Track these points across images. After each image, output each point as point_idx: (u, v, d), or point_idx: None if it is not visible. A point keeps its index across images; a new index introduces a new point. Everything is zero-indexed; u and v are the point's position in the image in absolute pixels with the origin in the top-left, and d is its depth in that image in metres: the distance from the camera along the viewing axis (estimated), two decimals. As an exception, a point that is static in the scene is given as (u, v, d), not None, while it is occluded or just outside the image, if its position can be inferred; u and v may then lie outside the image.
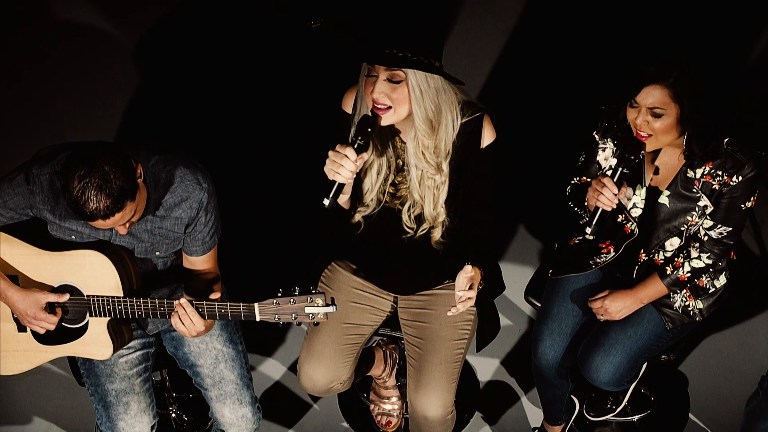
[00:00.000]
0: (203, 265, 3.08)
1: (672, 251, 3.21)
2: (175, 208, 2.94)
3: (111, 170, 2.71)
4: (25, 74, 4.64)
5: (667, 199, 3.14)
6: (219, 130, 4.49)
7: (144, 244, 2.99)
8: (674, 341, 3.31)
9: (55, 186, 2.90)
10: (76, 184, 2.71)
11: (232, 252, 3.21)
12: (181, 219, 2.96)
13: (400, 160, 3.01)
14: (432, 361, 3.12)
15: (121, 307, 2.94)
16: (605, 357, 3.22)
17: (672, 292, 3.24)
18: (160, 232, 2.98)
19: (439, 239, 3.05)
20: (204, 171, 2.97)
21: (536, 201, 4.25)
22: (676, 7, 4.61)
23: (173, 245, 3.02)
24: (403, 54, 2.78)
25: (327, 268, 3.24)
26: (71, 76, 4.64)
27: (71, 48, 4.70)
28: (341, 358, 3.17)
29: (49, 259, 2.97)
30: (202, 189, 2.94)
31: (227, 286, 3.29)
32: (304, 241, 4.10)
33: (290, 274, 3.97)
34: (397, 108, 2.85)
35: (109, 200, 2.71)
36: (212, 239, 3.04)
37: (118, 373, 3.13)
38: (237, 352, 3.21)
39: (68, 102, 4.58)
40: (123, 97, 4.57)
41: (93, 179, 2.70)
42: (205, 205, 2.96)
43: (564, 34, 4.66)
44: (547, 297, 3.36)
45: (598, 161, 3.21)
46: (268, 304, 2.84)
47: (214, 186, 2.98)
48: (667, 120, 2.98)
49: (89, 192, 2.70)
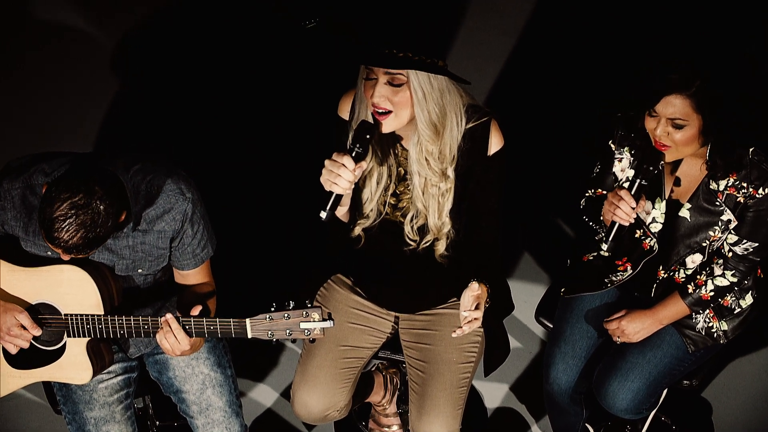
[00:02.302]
0: (196, 278, 3.06)
1: (694, 268, 3.20)
2: (158, 220, 2.92)
3: (104, 216, 2.70)
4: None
5: (688, 213, 3.13)
6: (210, 136, 4.52)
7: (125, 261, 2.97)
8: (697, 365, 3.30)
9: (27, 201, 2.88)
10: (63, 207, 2.69)
11: (221, 265, 3.23)
12: (165, 232, 2.93)
13: (401, 168, 3.00)
14: (436, 386, 3.11)
15: (102, 327, 2.92)
16: (622, 382, 3.21)
17: (694, 313, 3.22)
18: (143, 248, 2.96)
19: (443, 252, 3.05)
20: (187, 179, 2.96)
21: (547, 215, 4.26)
22: (697, 8, 4.67)
23: (157, 262, 3.00)
24: (404, 54, 2.78)
25: (323, 286, 3.23)
26: (47, 80, 4.67)
27: (48, 50, 4.73)
28: (338, 383, 3.16)
29: (24, 276, 2.95)
30: (185, 199, 2.92)
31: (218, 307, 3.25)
32: (299, 254, 4.10)
33: (284, 288, 3.93)
34: (399, 112, 2.84)
35: (81, 242, 2.72)
36: (204, 251, 3.02)
37: (97, 399, 3.11)
38: (225, 376, 3.19)
39: (45, 106, 4.61)
40: (104, 101, 4.59)
41: (82, 214, 2.69)
42: (190, 216, 2.94)
43: (577, 33, 4.69)
44: (560, 317, 3.35)
45: (614, 172, 3.20)
46: (261, 320, 2.83)
47: (200, 194, 2.96)
48: (689, 131, 2.97)
49: (70, 223, 2.69)
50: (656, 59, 4.43)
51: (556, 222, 4.23)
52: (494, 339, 3.16)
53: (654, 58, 4.47)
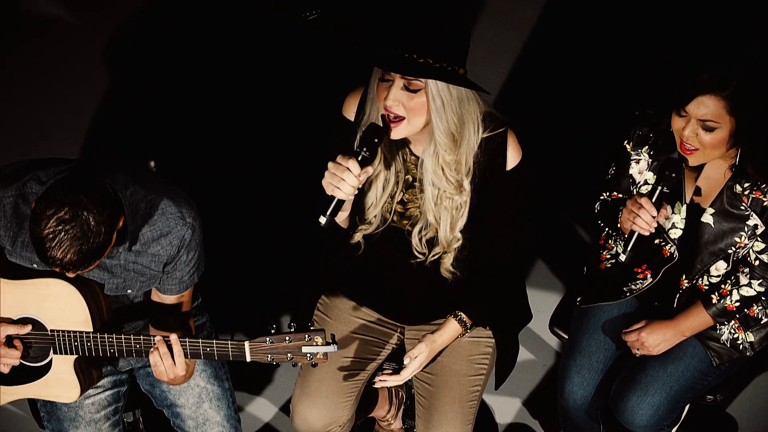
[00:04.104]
0: (175, 301, 3.05)
1: (718, 277, 3.18)
2: (153, 243, 2.90)
3: (94, 225, 2.67)
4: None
5: (711, 218, 3.11)
6: (207, 135, 4.52)
7: (116, 280, 2.95)
8: (721, 379, 3.30)
9: (19, 210, 2.86)
10: (50, 224, 2.66)
11: (216, 279, 3.24)
12: (159, 257, 2.91)
13: (409, 175, 2.98)
14: (444, 400, 3.11)
15: (91, 344, 2.91)
16: (642, 397, 3.20)
17: (718, 324, 3.21)
18: (135, 268, 2.94)
19: (449, 267, 3.04)
20: (190, 203, 2.93)
21: (561, 219, 4.25)
22: (735, 5, 4.66)
23: (148, 284, 2.98)
24: (425, 60, 2.74)
25: (324, 295, 3.23)
26: (37, 75, 4.66)
27: (36, 43, 4.72)
28: (340, 398, 3.15)
29: (7, 288, 2.92)
30: (185, 224, 2.90)
31: (211, 319, 3.29)
32: (298, 265, 4.12)
33: (281, 301, 4.01)
34: (412, 119, 2.82)
35: (76, 257, 2.68)
36: (191, 278, 3.00)
37: (83, 416, 3.10)
38: (223, 390, 3.18)
39: (35, 104, 4.60)
40: (96, 99, 4.60)
41: (71, 228, 2.65)
42: (188, 243, 2.92)
43: (593, 27, 4.68)
44: (575, 328, 3.35)
45: (631, 175, 3.19)
46: (260, 343, 2.82)
47: (201, 221, 2.95)
48: (720, 134, 2.96)
49: (60, 240, 2.66)
50: (689, 57, 4.46)
51: (572, 226, 4.23)
52: (506, 349, 3.16)
53: (685, 56, 4.49)
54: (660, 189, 2.99)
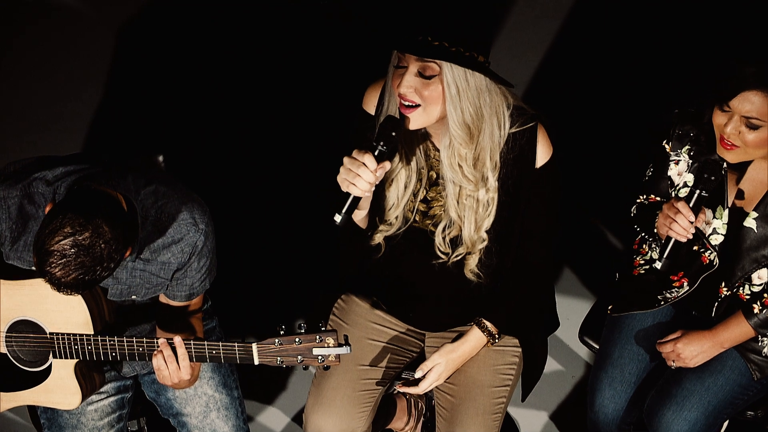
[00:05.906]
0: (183, 304, 3.06)
1: (760, 285, 3.15)
2: (164, 251, 2.90)
3: (105, 258, 2.64)
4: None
5: (754, 223, 3.09)
6: (214, 133, 4.53)
7: (120, 285, 2.95)
8: (762, 394, 3.28)
9: (24, 210, 2.86)
10: (65, 243, 2.62)
11: (225, 279, 3.23)
12: (169, 264, 2.91)
13: (433, 171, 2.99)
14: (467, 413, 3.09)
15: (92, 348, 2.89)
16: (678, 412, 3.18)
17: (760, 335, 3.18)
18: (142, 276, 2.94)
19: (473, 268, 3.04)
20: (203, 208, 2.93)
21: (593, 222, 4.27)
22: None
23: (154, 290, 2.98)
24: (440, 43, 2.74)
25: (340, 298, 3.23)
26: (38, 64, 4.70)
27: (36, 29, 4.76)
28: (356, 407, 3.13)
29: (5, 289, 2.92)
30: (198, 230, 2.90)
31: (219, 321, 3.30)
32: (312, 266, 4.12)
33: (294, 305, 4.04)
34: (428, 107, 2.82)
35: (73, 282, 2.66)
36: (202, 285, 3.01)
37: (85, 424, 3.10)
38: (232, 398, 3.18)
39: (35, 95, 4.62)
40: (98, 91, 4.62)
41: (83, 255, 2.62)
42: (200, 250, 2.92)
43: (627, 20, 4.69)
44: (607, 338, 3.34)
45: (669, 176, 3.18)
46: (269, 345, 2.81)
47: (213, 226, 2.94)
48: (764, 133, 2.95)
49: (67, 262, 2.62)
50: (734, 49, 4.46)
51: (602, 231, 4.23)
52: (533, 359, 3.16)
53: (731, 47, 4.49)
54: (698, 193, 2.98)
